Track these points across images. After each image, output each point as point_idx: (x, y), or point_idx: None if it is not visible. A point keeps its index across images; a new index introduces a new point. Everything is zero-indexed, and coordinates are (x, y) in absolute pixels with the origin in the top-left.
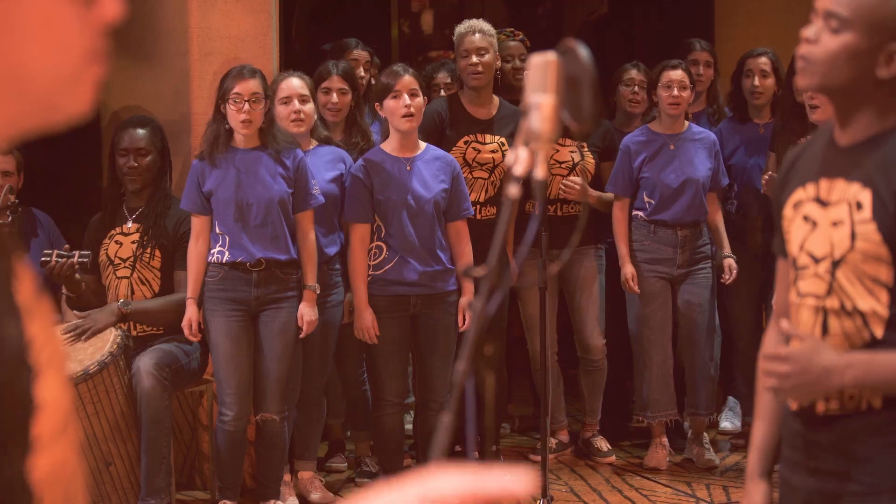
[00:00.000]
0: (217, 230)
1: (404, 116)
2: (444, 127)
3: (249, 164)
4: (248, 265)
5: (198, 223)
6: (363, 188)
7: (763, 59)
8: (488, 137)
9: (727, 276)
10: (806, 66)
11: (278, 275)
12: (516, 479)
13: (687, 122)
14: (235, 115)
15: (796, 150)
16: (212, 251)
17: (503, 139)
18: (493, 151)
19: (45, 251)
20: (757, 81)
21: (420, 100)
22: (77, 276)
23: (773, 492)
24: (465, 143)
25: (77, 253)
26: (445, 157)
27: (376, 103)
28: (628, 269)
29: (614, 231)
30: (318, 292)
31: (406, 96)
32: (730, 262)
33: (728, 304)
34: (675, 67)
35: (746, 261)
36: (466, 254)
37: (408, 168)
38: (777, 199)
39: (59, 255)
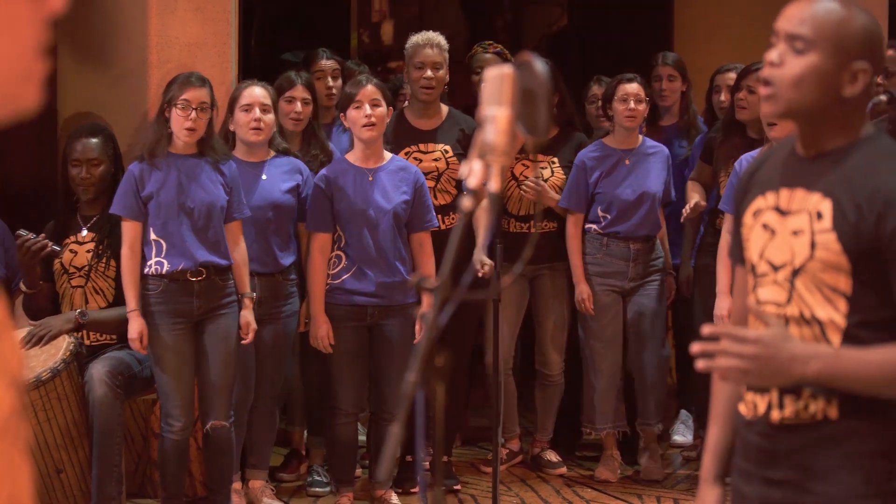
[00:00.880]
0: (152, 236)
1: (365, 126)
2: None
3: (190, 169)
4: (188, 274)
5: (132, 229)
6: (324, 198)
7: (731, 75)
8: (431, 146)
9: (668, 295)
10: (772, 93)
11: (217, 282)
12: None
13: (641, 137)
14: (181, 122)
15: (756, 161)
16: (148, 262)
17: (447, 147)
18: (435, 160)
19: (20, 230)
20: (723, 97)
21: (382, 109)
22: (38, 269)
23: (727, 498)
24: (406, 153)
25: (51, 241)
26: (409, 167)
27: (340, 114)
28: (584, 289)
29: (568, 246)
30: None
31: (367, 106)
32: (670, 280)
33: (689, 316)
34: (630, 80)
35: (712, 272)
36: (427, 265)
37: (370, 179)
38: (737, 208)
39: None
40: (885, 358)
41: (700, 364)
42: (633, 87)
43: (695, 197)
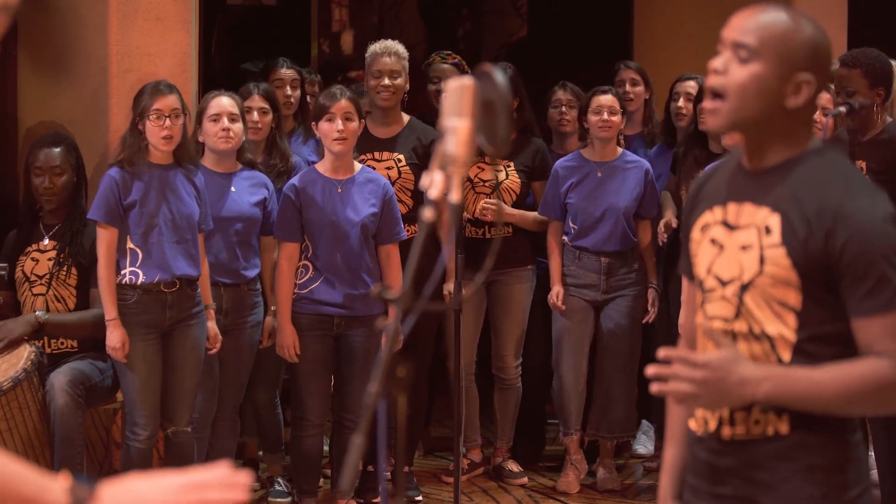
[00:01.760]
0: (129, 245)
1: (336, 140)
2: None
3: (169, 181)
4: (162, 286)
5: (109, 236)
6: (293, 208)
7: (691, 83)
8: (385, 154)
9: (650, 308)
10: (716, 108)
11: (188, 293)
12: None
13: (620, 150)
14: (157, 132)
15: (705, 175)
16: (122, 271)
17: (401, 156)
18: (388, 168)
19: None
20: (681, 103)
21: (355, 124)
22: None
23: None
24: (361, 161)
25: None
26: (378, 179)
27: (312, 122)
28: (557, 289)
29: (548, 255)
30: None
31: (339, 120)
32: (652, 294)
33: (655, 328)
34: (604, 92)
35: (677, 285)
36: (394, 277)
37: (339, 190)
38: (685, 222)
39: None
40: (835, 376)
41: (653, 387)
42: (607, 99)
43: (668, 214)
